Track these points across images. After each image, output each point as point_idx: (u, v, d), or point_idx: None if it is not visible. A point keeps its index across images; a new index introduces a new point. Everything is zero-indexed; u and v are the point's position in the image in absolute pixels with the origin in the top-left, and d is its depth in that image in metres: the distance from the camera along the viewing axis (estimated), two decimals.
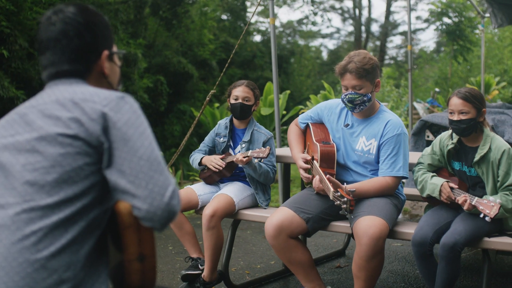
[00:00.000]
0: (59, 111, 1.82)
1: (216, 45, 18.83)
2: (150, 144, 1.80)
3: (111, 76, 2.03)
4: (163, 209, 1.74)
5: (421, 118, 6.36)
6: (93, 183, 1.79)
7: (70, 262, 1.73)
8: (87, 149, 1.78)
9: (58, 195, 1.75)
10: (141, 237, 1.83)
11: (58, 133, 1.78)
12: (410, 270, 4.98)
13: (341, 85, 4.01)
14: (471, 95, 3.65)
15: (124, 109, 1.82)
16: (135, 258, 1.82)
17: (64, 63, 1.93)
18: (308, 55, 24.42)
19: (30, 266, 1.70)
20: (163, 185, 1.76)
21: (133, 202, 1.75)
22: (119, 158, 1.76)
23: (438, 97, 16.43)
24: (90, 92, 1.86)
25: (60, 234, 1.73)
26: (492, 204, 3.40)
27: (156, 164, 1.77)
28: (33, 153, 1.79)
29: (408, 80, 8.91)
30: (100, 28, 1.99)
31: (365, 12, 32.65)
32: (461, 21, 17.57)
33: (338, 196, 3.42)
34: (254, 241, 6.00)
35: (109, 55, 2.01)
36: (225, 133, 4.60)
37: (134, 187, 1.74)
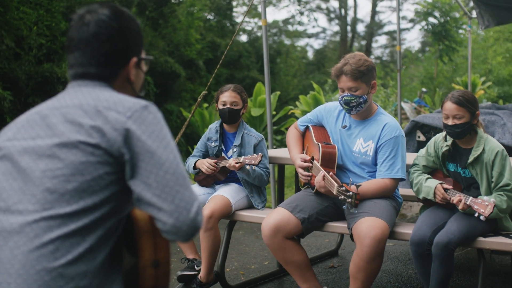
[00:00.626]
0: (82, 118, 1.80)
1: (203, 45, 18.79)
2: (175, 158, 1.79)
3: (136, 82, 2.02)
4: (189, 225, 1.75)
5: (412, 119, 6.42)
6: (112, 192, 1.79)
7: (86, 270, 1.73)
8: (108, 159, 1.77)
9: (77, 204, 1.74)
10: (157, 244, 1.84)
11: (80, 141, 1.77)
12: (403, 269, 5.03)
13: (337, 87, 4.05)
14: (465, 99, 3.70)
15: (148, 120, 1.81)
16: (150, 264, 1.83)
17: (92, 66, 1.91)
18: (294, 55, 24.45)
19: (47, 274, 1.70)
20: (189, 200, 1.76)
21: (158, 216, 1.75)
22: (144, 171, 1.76)
23: (425, 97, 16.55)
24: (114, 100, 1.84)
25: (77, 243, 1.73)
26: (487, 204, 3.45)
27: (181, 179, 1.77)
28: (54, 159, 1.78)
29: (397, 81, 8.97)
30: (132, 34, 1.97)
31: (351, 12, 32.78)
32: (446, 21, 17.68)
33: (343, 191, 3.45)
34: (247, 242, 6.03)
35: (137, 61, 1.99)
36: (216, 137, 4.62)
37: (160, 200, 1.74)
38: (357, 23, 31.67)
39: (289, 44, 25.94)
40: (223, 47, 19.37)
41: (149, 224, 1.83)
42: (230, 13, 22.30)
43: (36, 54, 10.44)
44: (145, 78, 2.10)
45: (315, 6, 30.86)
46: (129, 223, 1.87)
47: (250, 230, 6.51)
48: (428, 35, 20.14)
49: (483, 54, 20.58)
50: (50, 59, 10.80)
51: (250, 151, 4.48)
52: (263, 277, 4.78)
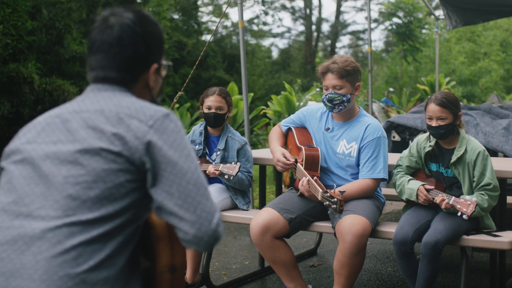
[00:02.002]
0: (104, 124, 1.81)
1: (169, 44, 18.73)
2: (196, 168, 1.81)
3: (155, 88, 2.01)
4: (210, 235, 1.77)
5: (387, 120, 6.52)
6: (133, 200, 1.80)
7: (108, 276, 1.74)
8: (129, 167, 1.78)
9: (99, 211, 1.75)
10: (173, 249, 1.86)
11: (102, 148, 1.78)
12: (382, 267, 5.12)
13: (322, 85, 4.11)
14: (448, 100, 3.79)
15: (169, 129, 1.82)
16: (167, 270, 1.86)
17: (113, 70, 1.91)
18: (259, 55, 24.48)
19: (70, 280, 1.70)
20: (210, 211, 1.78)
21: (179, 225, 1.77)
22: (167, 180, 1.77)
23: (392, 97, 16.75)
24: (136, 107, 1.85)
25: (99, 249, 1.74)
26: (469, 203, 3.55)
27: (203, 189, 1.79)
28: (76, 166, 1.78)
29: (368, 81, 9.09)
30: (155, 40, 1.96)
31: (316, 12, 32.95)
32: (410, 22, 17.91)
33: (327, 197, 3.51)
34: (226, 242, 6.05)
35: (157, 68, 1.99)
36: (200, 140, 4.61)
37: (183, 210, 1.76)
38: (322, 23, 31.92)
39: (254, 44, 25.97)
40: (189, 46, 19.32)
41: (166, 230, 1.85)
42: (195, 13, 22.23)
43: (2, 54, 10.29)
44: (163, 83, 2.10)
45: (280, 6, 30.98)
46: (145, 228, 1.88)
47: (227, 231, 6.54)
48: (392, 35, 20.38)
49: (445, 54, 20.90)
50: (16, 59, 10.65)
51: (233, 155, 4.49)
52: (246, 277, 4.82)
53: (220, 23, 23.83)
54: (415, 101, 16.18)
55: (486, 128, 5.86)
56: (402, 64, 20.28)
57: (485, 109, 6.58)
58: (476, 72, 19.40)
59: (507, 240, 3.66)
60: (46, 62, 11.07)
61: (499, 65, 20.26)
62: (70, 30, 13.98)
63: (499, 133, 5.76)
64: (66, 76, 10.92)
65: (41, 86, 9.99)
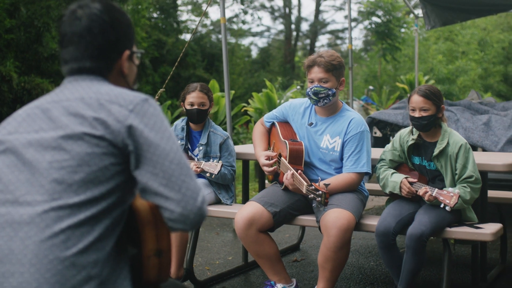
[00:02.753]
0: (84, 110, 1.83)
1: (149, 43, 18.67)
2: (178, 149, 1.85)
3: (129, 75, 2.05)
4: (196, 213, 1.80)
5: (368, 116, 6.57)
6: (118, 183, 1.82)
7: (97, 259, 1.76)
8: (112, 150, 1.81)
9: (85, 194, 1.77)
10: (159, 233, 1.88)
11: (84, 133, 1.80)
12: (365, 262, 5.16)
13: (307, 79, 4.12)
14: (431, 92, 3.83)
15: (149, 112, 1.86)
16: (153, 254, 1.87)
17: (86, 60, 1.94)
18: (239, 54, 24.48)
19: (60, 264, 1.72)
20: (195, 189, 1.82)
21: (165, 205, 1.80)
22: (150, 161, 1.80)
23: (372, 95, 16.85)
24: (115, 93, 1.88)
25: (87, 232, 1.76)
26: (452, 195, 3.60)
27: (186, 169, 1.83)
28: (59, 151, 1.80)
29: (349, 78, 9.13)
30: (124, 27, 2.00)
31: (295, 11, 33.01)
32: (389, 21, 18.01)
33: (312, 190, 3.53)
34: (208, 238, 6.06)
35: (130, 54, 2.03)
36: (182, 135, 4.61)
37: (168, 190, 1.79)
38: (301, 22, 31.98)
39: (233, 43, 25.97)
40: (169, 45, 19.27)
41: (151, 215, 1.87)
42: (174, 12, 22.18)
43: None
44: (137, 71, 2.12)
45: (259, 5, 31.01)
46: (130, 215, 1.90)
47: (210, 227, 6.54)
48: (371, 34, 20.49)
49: (424, 53, 21.05)
50: None
51: (216, 150, 4.50)
52: (229, 272, 4.83)
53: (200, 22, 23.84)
54: (395, 99, 16.29)
55: (466, 123, 5.92)
56: (381, 62, 20.39)
57: (465, 105, 6.66)
58: (454, 71, 19.57)
59: (489, 232, 3.71)
60: (24, 60, 10.98)
61: (477, 64, 20.46)
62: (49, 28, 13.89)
63: (479, 129, 5.82)
64: (45, 74, 10.84)
65: (19, 84, 9.91)
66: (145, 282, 1.91)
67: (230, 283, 4.65)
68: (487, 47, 21.99)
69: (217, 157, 4.49)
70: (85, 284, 1.73)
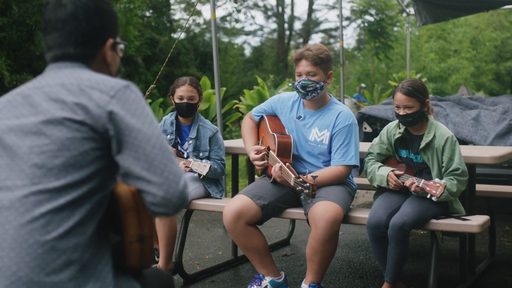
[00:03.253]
0: (65, 96, 1.83)
1: (141, 41, 18.65)
2: (160, 134, 1.85)
3: (112, 65, 2.05)
4: (178, 197, 1.81)
5: (359, 111, 6.58)
6: (98, 168, 1.83)
7: (77, 243, 1.77)
8: (93, 135, 1.81)
9: (65, 179, 1.78)
10: (141, 219, 1.89)
11: (65, 118, 1.80)
12: (354, 256, 5.17)
13: (295, 72, 4.13)
14: (414, 89, 3.84)
15: (130, 98, 1.86)
16: (135, 240, 1.88)
17: (70, 46, 1.94)
18: (232, 52, 24.50)
19: (40, 248, 1.73)
20: (177, 173, 1.82)
21: (147, 189, 1.80)
22: (132, 145, 1.80)
23: (364, 92, 16.90)
24: (96, 79, 1.88)
25: (67, 216, 1.76)
26: (438, 185, 3.62)
27: (168, 153, 1.83)
28: (40, 136, 1.80)
29: (340, 75, 9.16)
30: (109, 16, 2.00)
31: (288, 10, 33.04)
32: (382, 19, 18.06)
33: (300, 182, 3.54)
34: (199, 234, 6.07)
35: (113, 44, 2.03)
36: (171, 130, 4.62)
37: (150, 174, 1.79)
38: (294, 21, 32.02)
39: (227, 42, 25.99)
40: (161, 43, 19.25)
41: (133, 201, 1.88)
42: (167, 10, 22.17)
43: None
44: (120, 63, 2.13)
45: (252, 4, 31.03)
46: (112, 202, 1.90)
47: (200, 223, 6.55)
48: (364, 33, 20.53)
49: (416, 51, 21.11)
50: None
51: (205, 144, 4.51)
52: (219, 266, 4.83)
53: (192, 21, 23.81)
54: (387, 97, 16.34)
55: (455, 118, 5.95)
56: (374, 61, 20.44)
57: (455, 100, 6.68)
58: (446, 69, 19.63)
59: (475, 224, 3.73)
60: (16, 58, 10.97)
61: (469, 62, 20.53)
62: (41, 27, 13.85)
63: (468, 124, 5.85)
64: (37, 72, 10.83)
65: (11, 82, 9.90)
66: (127, 268, 1.92)
67: (220, 277, 4.66)
68: (479, 45, 22.08)
69: (207, 150, 4.50)
70: (66, 268, 1.73)
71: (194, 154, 4.52)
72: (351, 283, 4.46)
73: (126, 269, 1.92)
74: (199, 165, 4.30)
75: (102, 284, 1.80)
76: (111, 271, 1.84)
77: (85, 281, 1.76)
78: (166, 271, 4.26)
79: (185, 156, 4.60)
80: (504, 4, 9.84)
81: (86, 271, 1.77)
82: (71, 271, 1.74)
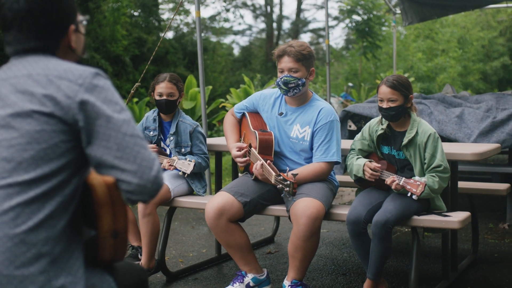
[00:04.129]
0: (33, 87, 1.81)
1: (129, 41, 18.60)
2: (130, 120, 1.84)
3: (78, 47, 2.02)
4: (153, 182, 1.80)
5: (343, 109, 6.59)
6: (69, 160, 1.81)
7: (47, 236, 1.75)
8: (62, 127, 1.79)
9: (35, 172, 1.76)
10: (115, 214, 1.87)
11: (33, 110, 1.78)
12: (338, 253, 5.18)
13: (277, 69, 4.12)
14: (399, 83, 3.85)
15: (99, 86, 1.84)
16: (109, 235, 1.87)
17: (31, 41, 1.91)
18: (220, 52, 24.48)
19: (9, 241, 1.71)
20: (150, 159, 1.82)
21: (122, 177, 1.79)
22: (103, 135, 1.79)
23: (352, 91, 16.92)
24: (64, 68, 1.86)
25: (37, 209, 1.75)
26: (418, 183, 3.63)
27: (140, 140, 1.83)
28: (8, 129, 1.79)
29: (326, 73, 9.16)
30: (65, 3, 1.96)
31: (277, 9, 33.07)
32: (370, 19, 18.10)
33: (280, 180, 3.53)
34: (183, 232, 6.05)
35: (75, 27, 2.00)
36: (154, 126, 4.62)
37: (123, 162, 1.79)
38: (283, 21, 32.03)
39: (215, 41, 25.97)
40: (149, 43, 19.21)
41: (108, 195, 1.86)
42: (156, 10, 22.13)
43: None
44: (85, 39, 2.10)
45: (241, 3, 31.00)
46: (86, 196, 1.89)
47: (186, 221, 6.54)
48: (352, 33, 20.56)
49: (404, 50, 21.16)
50: None
51: (186, 139, 4.51)
52: (202, 264, 4.82)
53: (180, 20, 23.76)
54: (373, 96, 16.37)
55: (439, 116, 5.96)
56: (362, 60, 20.47)
57: (439, 98, 6.70)
58: (433, 69, 19.69)
59: (456, 220, 3.74)
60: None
61: (456, 62, 20.59)
62: None
63: (452, 121, 5.87)
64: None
65: None
66: (100, 261, 1.91)
67: (203, 274, 4.65)
68: (466, 45, 22.15)
69: (188, 146, 4.50)
70: (36, 262, 1.72)
71: (176, 150, 4.52)
72: (334, 280, 4.47)
73: (98, 263, 1.91)
74: (183, 163, 4.29)
75: (74, 278, 1.78)
76: (83, 265, 1.83)
77: (56, 274, 1.75)
78: (150, 272, 4.28)
79: (167, 153, 4.59)
80: (489, 3, 9.90)
81: (58, 264, 1.76)
82: (42, 264, 1.73)
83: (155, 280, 4.49)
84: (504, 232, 5.81)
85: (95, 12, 17.27)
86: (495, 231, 5.84)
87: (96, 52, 17.03)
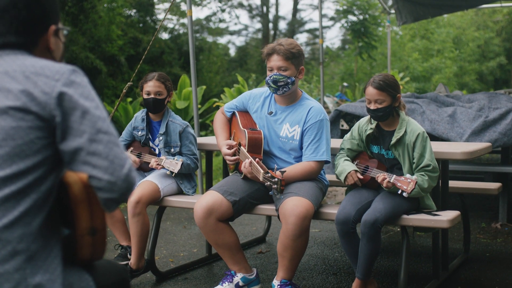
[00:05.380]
0: (9, 83, 1.80)
1: (125, 41, 18.58)
2: (105, 117, 1.83)
3: (56, 51, 2.02)
4: (124, 180, 1.80)
5: (336, 108, 6.58)
6: (45, 156, 1.80)
7: (23, 234, 1.74)
8: (39, 123, 1.78)
9: (10, 168, 1.75)
10: (93, 211, 1.86)
11: (9, 106, 1.77)
12: (330, 253, 5.16)
13: (266, 67, 4.11)
14: (385, 83, 3.83)
15: (76, 82, 1.83)
16: (87, 233, 1.85)
17: (11, 35, 1.90)
18: (216, 52, 24.49)
19: None
20: (122, 157, 1.81)
21: (93, 173, 1.78)
22: (77, 131, 1.78)
23: (347, 91, 16.91)
24: (41, 65, 1.85)
25: (12, 206, 1.73)
26: (409, 181, 3.62)
27: (113, 137, 1.82)
28: None
29: (320, 73, 9.15)
30: (49, 2, 1.97)
31: (273, 10, 33.09)
32: (365, 19, 18.10)
33: (268, 177, 3.52)
34: (175, 231, 6.03)
35: (55, 30, 1.99)
36: (142, 126, 4.60)
37: (95, 158, 1.78)
38: (279, 21, 32.04)
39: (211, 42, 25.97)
40: (145, 43, 19.20)
41: (85, 192, 1.84)
42: (151, 9, 22.12)
43: None
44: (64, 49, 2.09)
45: (237, 3, 31.01)
46: (63, 194, 1.87)
47: (177, 221, 6.52)
48: (348, 33, 20.56)
49: (399, 51, 21.18)
50: None
51: (176, 139, 4.49)
52: (192, 263, 4.81)
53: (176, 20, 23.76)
54: None
55: (432, 115, 5.95)
56: (358, 61, 20.47)
57: (432, 97, 6.70)
58: (429, 69, 19.70)
59: (445, 219, 3.72)
60: None
61: (452, 62, 20.61)
62: None
63: (444, 121, 5.85)
64: None
65: None
66: (78, 260, 1.89)
67: (193, 274, 4.64)
68: (462, 45, 22.17)
69: (178, 146, 4.48)
70: (11, 259, 1.70)
71: (166, 150, 4.50)
72: (325, 279, 4.45)
73: (77, 261, 1.89)
74: (170, 162, 4.28)
75: (51, 276, 1.77)
76: (61, 263, 1.81)
77: (33, 272, 1.73)
78: (140, 271, 4.27)
79: (156, 153, 4.57)
80: (483, 3, 9.90)
81: (34, 262, 1.74)
82: (17, 262, 1.71)
83: (145, 279, 4.48)
84: (497, 231, 5.80)
85: (90, 12, 17.24)
86: (487, 231, 5.84)
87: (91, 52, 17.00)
